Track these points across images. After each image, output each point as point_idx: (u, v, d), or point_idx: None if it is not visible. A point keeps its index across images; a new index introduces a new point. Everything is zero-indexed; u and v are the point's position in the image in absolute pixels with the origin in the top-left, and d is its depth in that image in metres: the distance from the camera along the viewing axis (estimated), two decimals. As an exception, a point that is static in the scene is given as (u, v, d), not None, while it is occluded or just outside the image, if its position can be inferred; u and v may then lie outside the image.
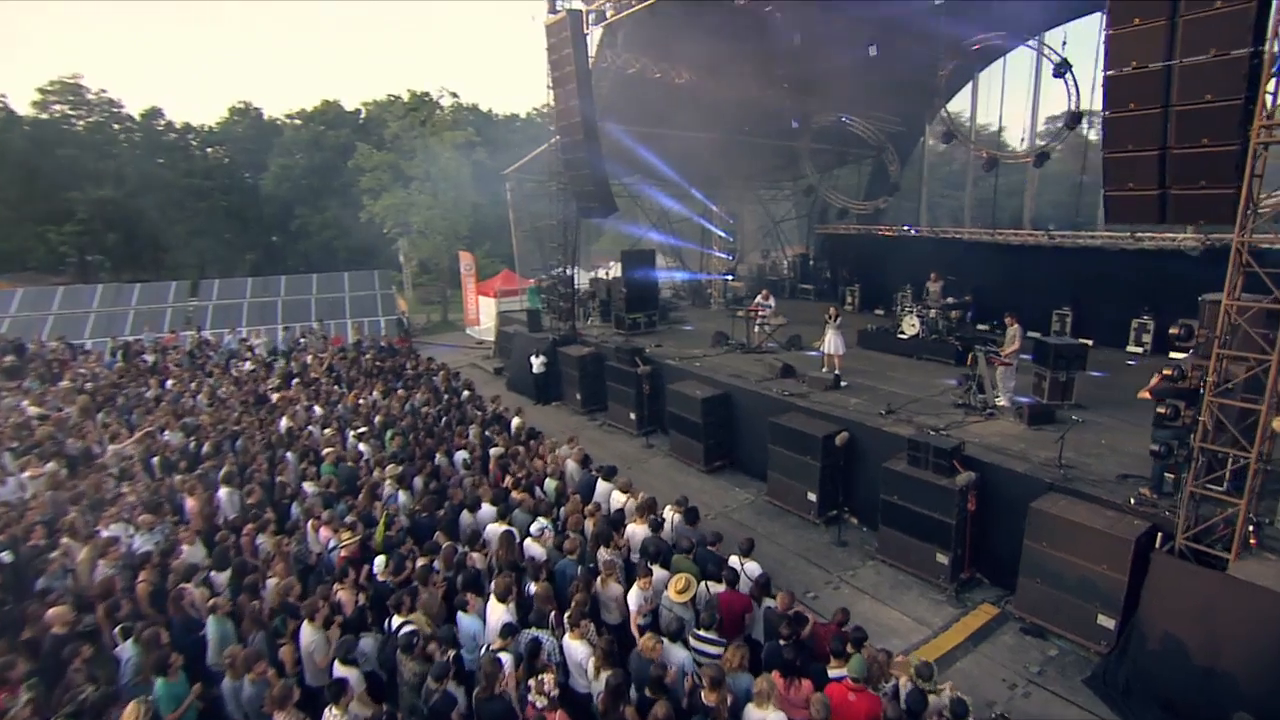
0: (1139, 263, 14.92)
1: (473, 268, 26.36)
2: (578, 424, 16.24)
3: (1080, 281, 16.00)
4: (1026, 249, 16.94)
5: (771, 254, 26.47)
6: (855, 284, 21.63)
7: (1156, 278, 14.67)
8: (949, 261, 17.64)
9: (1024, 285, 16.65)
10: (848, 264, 22.21)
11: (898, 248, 20.42)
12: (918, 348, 14.94)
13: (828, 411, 11.34)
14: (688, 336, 18.12)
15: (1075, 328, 16.03)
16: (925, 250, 19.16)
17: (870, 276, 21.24)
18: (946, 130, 16.56)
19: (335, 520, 8.27)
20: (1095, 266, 15.72)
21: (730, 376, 13.65)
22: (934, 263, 17.93)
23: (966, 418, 10.77)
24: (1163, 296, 14.67)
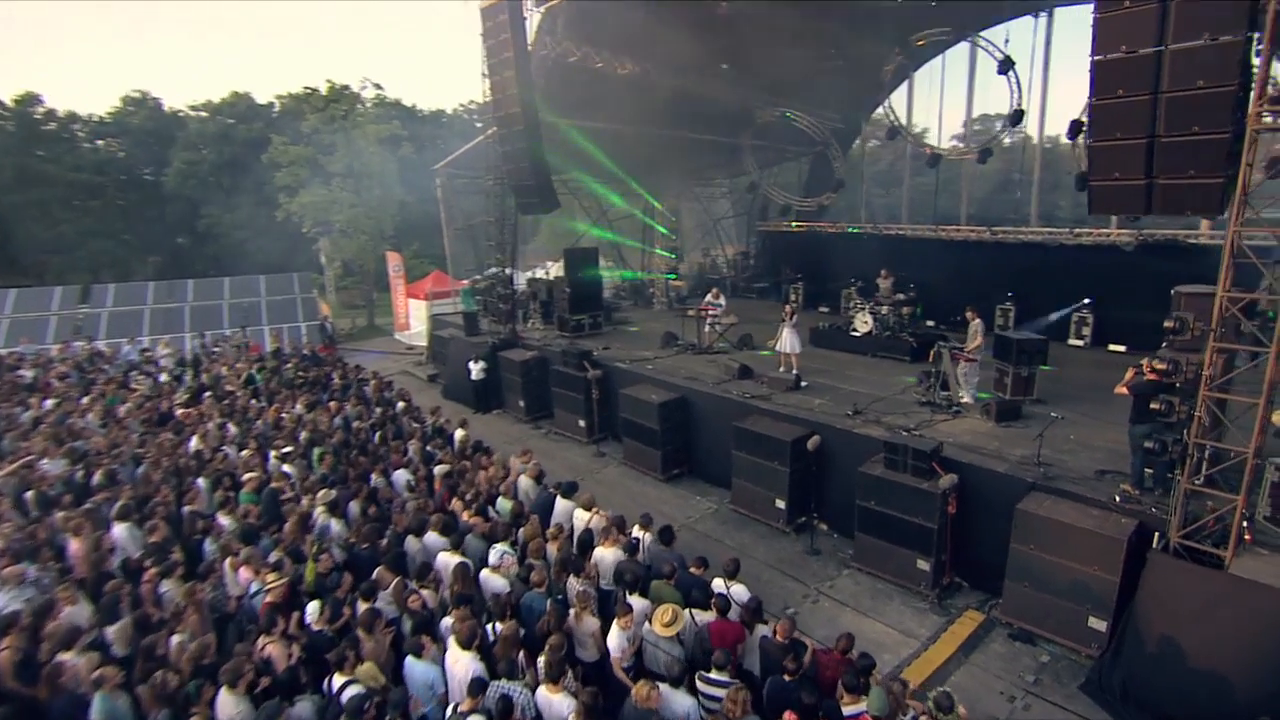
0: (1077, 257, 15.21)
1: (401, 269, 24.79)
2: (522, 433, 15.26)
3: (1021, 276, 16.20)
4: (969, 245, 17.10)
5: (712, 252, 26.10)
6: (798, 281, 21.42)
7: (1094, 272, 14.98)
8: (892, 258, 17.56)
9: (966, 281, 16.61)
10: (790, 261, 21.98)
11: (840, 245, 20.34)
12: (872, 345, 14.73)
13: (793, 414, 10.85)
14: (635, 338, 17.41)
15: (1018, 322, 16.19)
16: (868, 247, 19.11)
17: (814, 274, 21.07)
18: (891, 126, 16.50)
19: (257, 558, 7.08)
20: (1035, 261, 15.95)
21: (686, 379, 13.02)
22: (878, 259, 17.81)
23: (934, 416, 10.49)
24: (1100, 290, 15.01)
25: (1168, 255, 13.78)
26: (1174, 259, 13.70)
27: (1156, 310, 14.16)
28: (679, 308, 21.60)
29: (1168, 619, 6.56)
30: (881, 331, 14.75)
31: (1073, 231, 15.08)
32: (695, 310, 15.72)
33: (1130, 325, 14.63)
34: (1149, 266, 14.04)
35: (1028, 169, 17.67)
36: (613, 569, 7.21)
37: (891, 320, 14.79)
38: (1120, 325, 14.77)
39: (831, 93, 18.80)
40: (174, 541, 7.51)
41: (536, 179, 14.70)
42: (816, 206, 19.90)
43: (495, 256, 16.22)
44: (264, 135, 31.85)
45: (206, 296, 23.79)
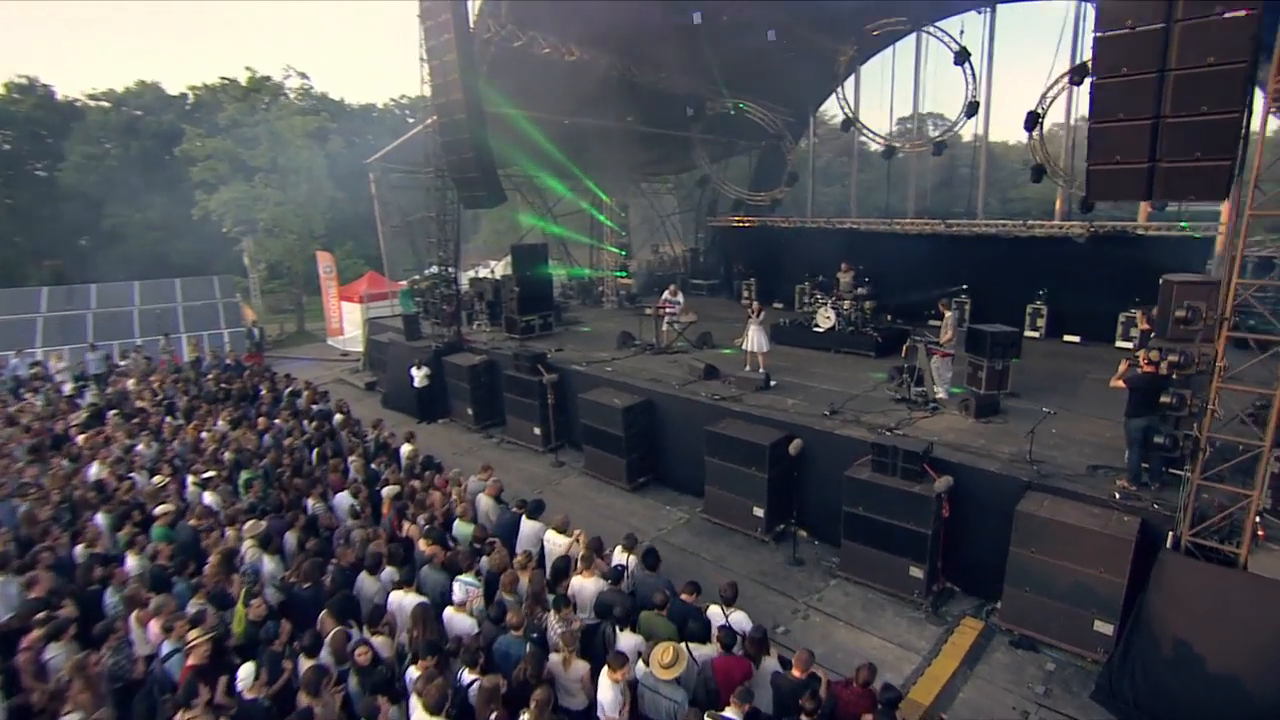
0: (1030, 249, 15.24)
1: (333, 269, 23.09)
2: (472, 443, 14.21)
3: (975, 269, 16.17)
4: (923, 238, 16.97)
5: (660, 249, 25.49)
6: (751, 277, 20.99)
7: (1047, 263, 15.05)
8: (846, 252, 17.27)
9: (920, 274, 16.59)
10: (742, 257, 21.57)
11: (793, 239, 20.00)
12: (835, 341, 14.34)
13: (767, 415, 10.25)
14: (588, 339, 16.55)
15: (974, 315, 16.15)
16: (820, 241, 18.84)
17: (766, 270, 20.70)
18: (845, 119, 16.18)
19: (172, 610, 5.93)
20: (989, 254, 15.93)
21: (649, 381, 12.28)
22: (831, 254, 17.52)
23: (912, 414, 10.08)
24: (1053, 281, 15.10)
25: (1118, 246, 13.91)
26: (1124, 249, 13.86)
27: (1109, 301, 14.63)
28: (630, 307, 20.97)
29: (1183, 620, 6.22)
30: (844, 327, 14.38)
31: (1025, 223, 15.08)
32: (653, 308, 14.97)
33: (1084, 316, 14.81)
34: (1100, 257, 14.21)
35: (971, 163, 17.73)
36: (594, 600, 6.40)
37: (853, 315, 14.44)
38: (1075, 316, 14.89)
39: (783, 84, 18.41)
40: (62, 595, 6.23)
41: (481, 170, 13.64)
42: (769, 201, 19.50)
43: (437, 254, 15.03)
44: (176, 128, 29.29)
45: (112, 303, 21.51)
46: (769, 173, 22.54)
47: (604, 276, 21.67)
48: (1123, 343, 14.12)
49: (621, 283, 21.83)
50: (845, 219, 18.97)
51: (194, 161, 25.72)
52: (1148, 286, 13.64)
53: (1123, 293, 14.04)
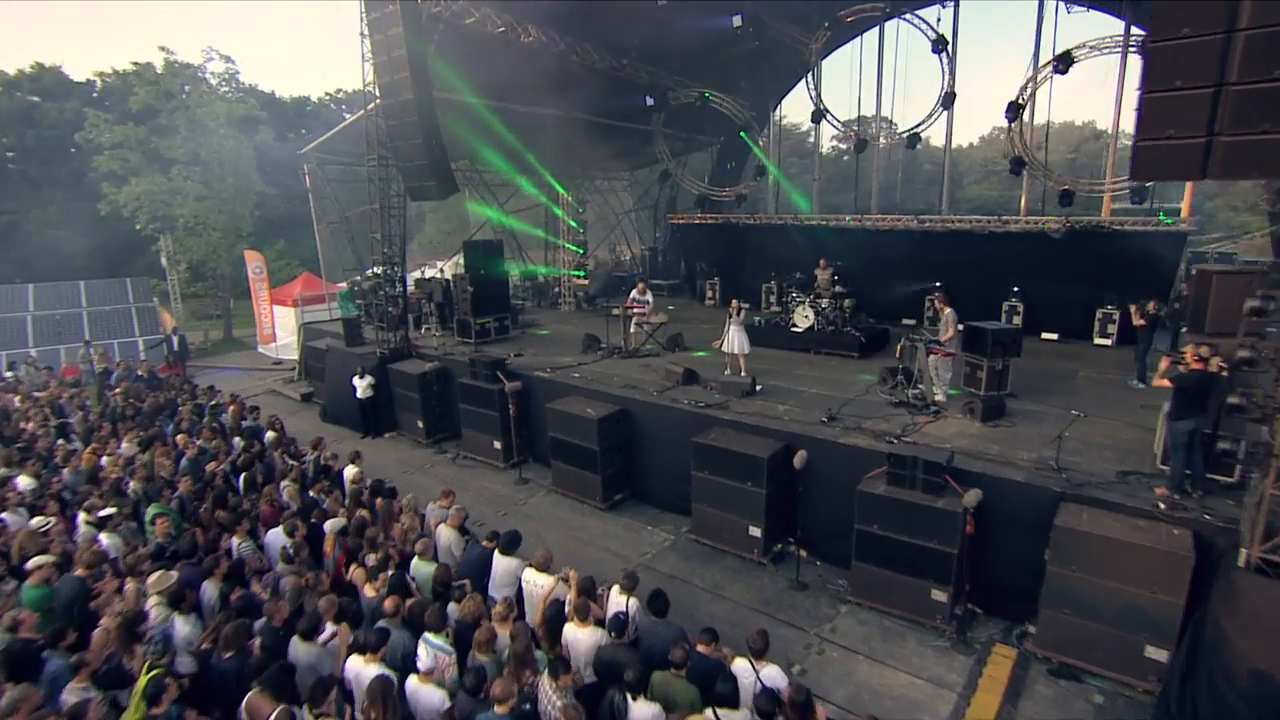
0: (1005, 245, 14.80)
1: (263, 271, 21.05)
2: (424, 459, 12.81)
3: (949, 266, 15.63)
4: (894, 234, 16.43)
5: (618, 248, 24.48)
6: (714, 277, 20.20)
7: (1022, 259, 14.66)
8: (815, 249, 16.65)
9: (892, 272, 16.14)
10: (704, 256, 20.72)
11: (757, 237, 19.27)
12: (815, 341, 13.58)
13: (759, 424, 9.31)
14: (549, 342, 15.35)
15: None
16: (787, 239, 18.16)
17: (730, 268, 19.91)
18: (815, 110, 15.49)
19: (36, 705, 4.50)
20: (962, 250, 15.44)
21: (623, 388, 11.19)
22: (798, 251, 17.01)
23: (915, 419, 9.31)
24: (1028, 278, 14.74)
25: (1094, 240, 13.61)
26: (1099, 244, 13.57)
27: (1085, 297, 14.38)
28: (589, 308, 19.93)
29: (1261, 647, 5.52)
30: (824, 327, 13.63)
31: (1000, 218, 14.68)
32: (620, 308, 13.88)
33: (1060, 313, 14.49)
34: (1075, 252, 13.87)
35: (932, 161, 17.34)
36: (592, 656, 5.27)
37: (833, 314, 13.70)
38: (1051, 313, 14.57)
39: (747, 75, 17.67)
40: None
41: (430, 156, 12.27)
42: (734, 196, 18.70)
43: (381, 251, 13.54)
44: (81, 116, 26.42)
45: (2, 309, 19.00)
46: (730, 168, 21.87)
47: (560, 276, 20.42)
48: (1100, 340, 13.86)
49: (578, 283, 20.68)
50: (812, 216, 18.28)
51: (99, 150, 23.10)
52: (1124, 281, 13.64)
53: (1098, 288, 13.79)
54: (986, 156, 41.26)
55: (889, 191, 20.44)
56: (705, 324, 16.58)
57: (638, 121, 19.08)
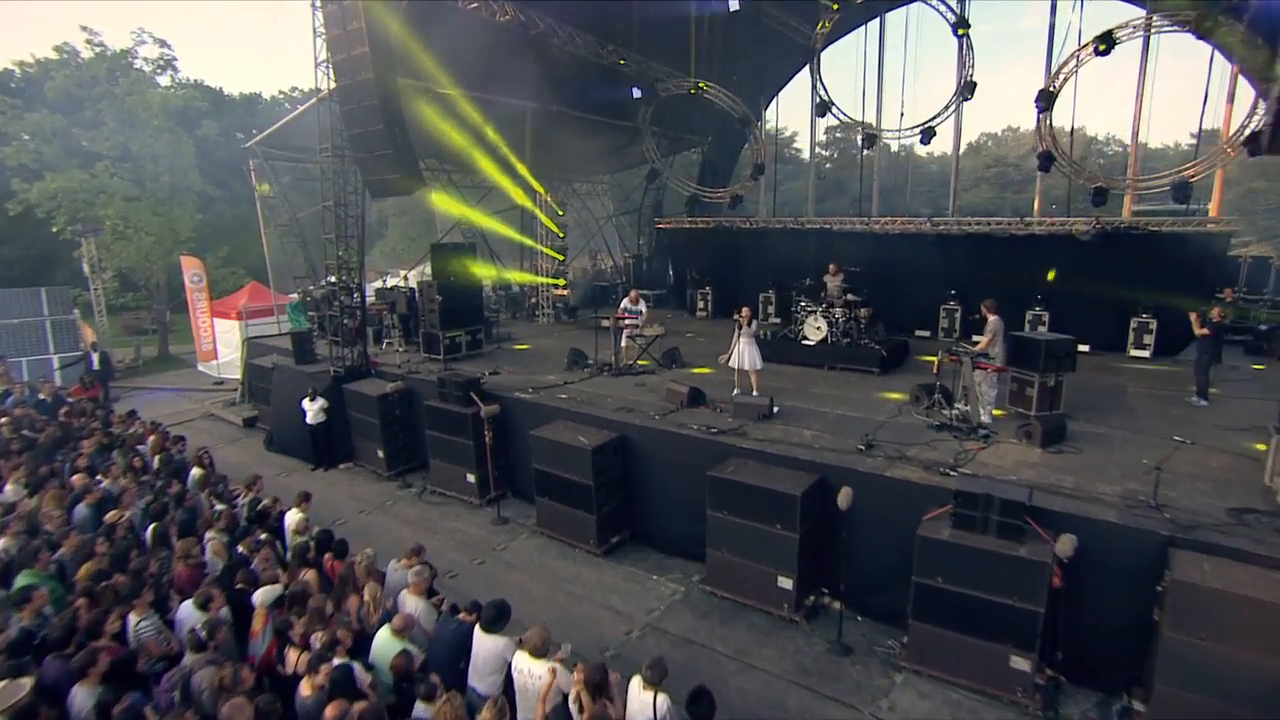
0: (1027, 249, 14.05)
1: (203, 279, 19.30)
2: (384, 495, 11.39)
3: (965, 272, 14.86)
4: (905, 239, 15.58)
5: (599, 256, 23.37)
6: (706, 286, 19.14)
7: (1046, 264, 13.82)
8: (817, 254, 15.83)
9: (903, 279, 15.18)
10: (694, 263, 19.66)
11: (753, 242, 18.30)
12: (830, 356, 12.50)
13: (786, 453, 8.14)
14: (528, 358, 14.07)
15: (964, 320, 14.87)
16: (785, 244, 17.34)
17: (724, 276, 18.87)
18: (821, 101, 14.57)
19: None
20: (980, 255, 14.65)
21: (619, 412, 9.97)
22: (798, 257, 16.14)
23: (963, 445, 8.22)
24: (1054, 285, 13.89)
25: (1129, 243, 12.84)
26: (1135, 247, 12.80)
27: (1118, 305, 13.56)
28: (570, 321, 18.79)
29: None
30: (839, 339, 12.57)
31: (1023, 220, 13.87)
32: (609, 319, 12.67)
33: (1091, 322, 13.63)
34: (1107, 257, 13.12)
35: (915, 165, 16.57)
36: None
37: (847, 325, 12.66)
38: (1080, 323, 13.65)
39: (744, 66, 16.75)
40: None
41: (393, 145, 10.98)
42: (729, 197, 17.66)
43: (336, 255, 12.14)
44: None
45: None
46: (720, 169, 20.97)
47: (538, 285, 19.14)
48: (1137, 351, 13.04)
49: (558, 293, 19.43)
50: (814, 218, 17.36)
51: (7, 141, 21.08)
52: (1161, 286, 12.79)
53: (1132, 295, 12.98)
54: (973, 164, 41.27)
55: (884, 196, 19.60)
56: (701, 338, 15.72)
57: (623, 117, 17.99)
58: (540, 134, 16.23)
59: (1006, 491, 6.30)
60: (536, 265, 19.30)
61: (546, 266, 19.00)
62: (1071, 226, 13.11)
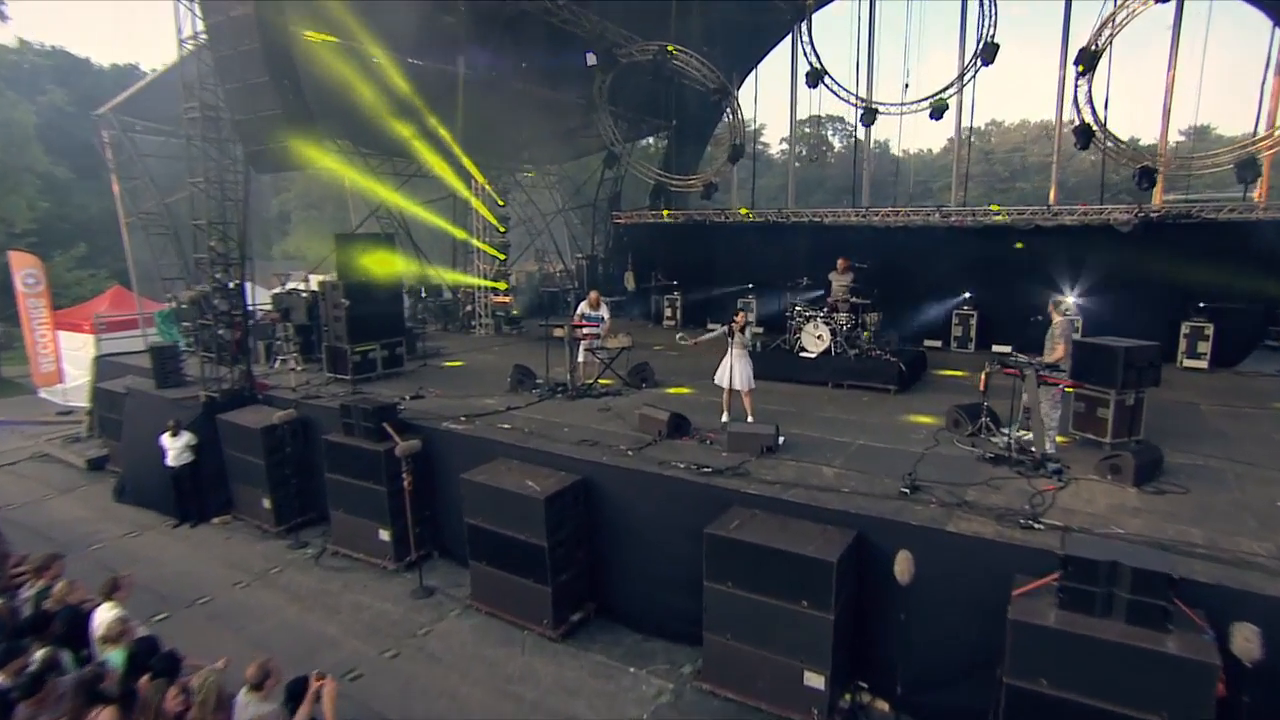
0: (1054, 243, 13.24)
1: (40, 282, 16.66)
2: (271, 559, 9.51)
3: (982, 271, 14.02)
4: (910, 233, 14.64)
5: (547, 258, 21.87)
6: (674, 291, 17.82)
7: (1077, 261, 12.99)
8: (808, 253, 14.87)
9: (908, 281, 14.31)
10: (661, 264, 18.33)
11: (730, 240, 17.26)
12: (835, 371, 11.21)
13: (808, 501, 6.68)
14: (462, 378, 12.45)
15: (981, 328, 13.98)
16: (768, 241, 16.33)
17: (696, 279, 17.57)
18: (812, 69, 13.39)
19: None
20: (998, 251, 13.83)
21: (579, 445, 8.38)
22: (786, 257, 15.17)
23: (1032, 483, 6.90)
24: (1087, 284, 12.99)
25: (1177, 235, 11.98)
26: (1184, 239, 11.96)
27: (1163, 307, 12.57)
28: (513, 332, 17.26)
29: None
30: (845, 350, 11.28)
31: (1049, 209, 12.93)
32: (564, 328, 11.09)
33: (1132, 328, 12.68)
34: (1149, 251, 12.31)
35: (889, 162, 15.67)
36: None
37: (855, 335, 11.41)
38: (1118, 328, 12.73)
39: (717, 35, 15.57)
40: None
41: (282, 102, 9.28)
42: (701, 186, 16.42)
43: (209, 247, 10.22)
44: None
45: None
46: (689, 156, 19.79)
47: (474, 290, 17.43)
48: (1191, 361, 12.11)
49: (498, 300, 17.75)
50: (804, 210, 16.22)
51: None
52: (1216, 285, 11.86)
53: (1182, 296, 12.12)
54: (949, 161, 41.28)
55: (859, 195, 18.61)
56: (672, 351, 14.42)
57: (575, 89, 16.57)
58: (475, 107, 14.62)
59: (1139, 557, 4.91)
60: (473, 266, 17.56)
61: (485, 268, 17.28)
62: (1109, 216, 12.19)
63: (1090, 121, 11.68)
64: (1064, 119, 14.98)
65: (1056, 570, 5.12)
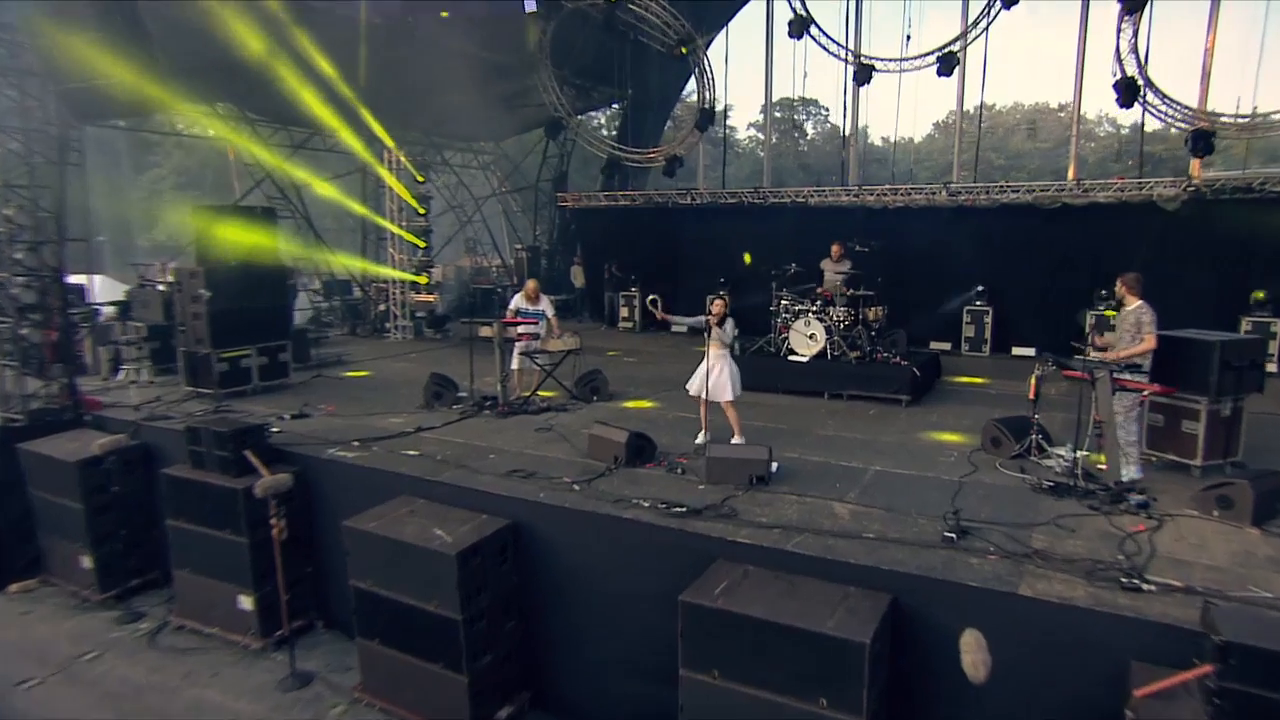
0: (1086, 226, 12.37)
1: None
2: (88, 636, 7.94)
3: (996, 259, 13.19)
4: (910, 215, 13.75)
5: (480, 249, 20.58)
6: (631, 286, 16.60)
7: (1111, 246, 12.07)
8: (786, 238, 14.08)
9: (908, 272, 13.27)
10: (616, 256, 17.10)
11: (696, 226, 16.17)
12: (834, 378, 10.12)
13: (820, 553, 5.37)
14: (367, 391, 11.08)
15: (998, 328, 13.06)
16: (742, 227, 15.25)
17: (656, 273, 16.38)
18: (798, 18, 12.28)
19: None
20: (1016, 235, 12.99)
21: (508, 478, 7.00)
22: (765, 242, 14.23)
23: (1114, 520, 5.73)
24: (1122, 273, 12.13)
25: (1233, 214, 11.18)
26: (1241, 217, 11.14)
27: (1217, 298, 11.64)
28: (437, 336, 16.08)
29: None
30: (844, 351, 10.12)
31: (1080, 185, 12.04)
32: (493, 326, 9.72)
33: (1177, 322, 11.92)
34: (1201, 234, 11.58)
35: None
36: None
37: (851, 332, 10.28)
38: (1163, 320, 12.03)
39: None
40: None
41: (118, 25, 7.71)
42: (662, 160, 15.29)
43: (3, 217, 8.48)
44: None
45: None
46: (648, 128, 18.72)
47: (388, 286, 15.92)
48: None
49: (419, 299, 16.25)
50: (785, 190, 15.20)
51: None
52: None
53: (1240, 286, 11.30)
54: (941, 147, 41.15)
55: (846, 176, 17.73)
56: (630, 358, 13.56)
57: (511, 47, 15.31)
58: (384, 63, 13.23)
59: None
60: (388, 257, 16.06)
61: (402, 258, 15.77)
62: (1152, 191, 11.31)
63: (1134, 74, 10.83)
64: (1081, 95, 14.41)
65: (1198, 658, 3.89)
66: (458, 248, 21.79)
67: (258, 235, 10.26)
